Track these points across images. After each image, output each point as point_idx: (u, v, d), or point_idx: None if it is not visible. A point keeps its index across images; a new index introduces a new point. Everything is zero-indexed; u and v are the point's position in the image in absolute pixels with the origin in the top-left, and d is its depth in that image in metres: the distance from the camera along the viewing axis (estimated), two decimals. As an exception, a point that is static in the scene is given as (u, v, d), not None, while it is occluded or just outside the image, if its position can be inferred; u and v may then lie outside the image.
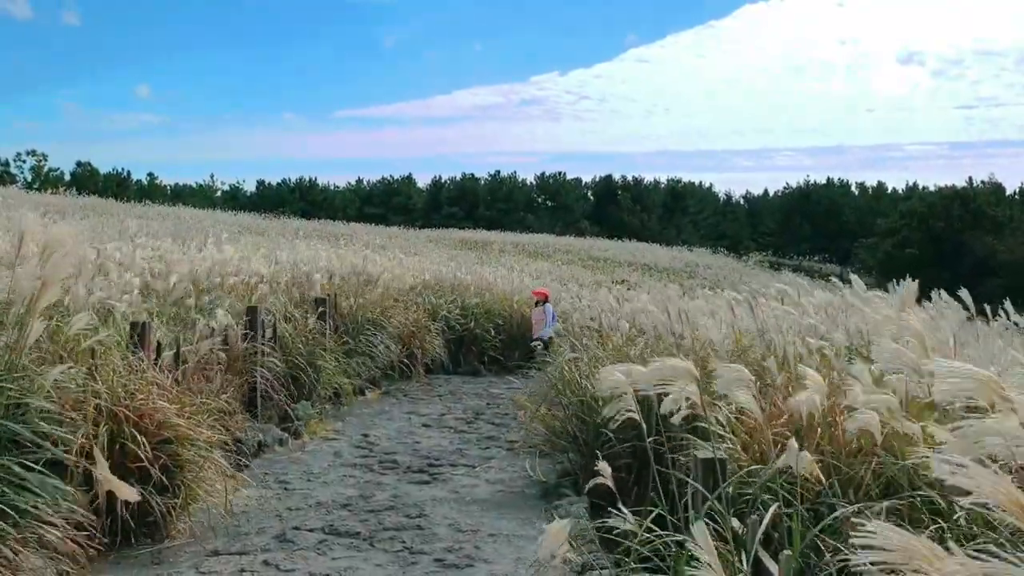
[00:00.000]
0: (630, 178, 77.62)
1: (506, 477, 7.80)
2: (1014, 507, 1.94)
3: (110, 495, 4.54)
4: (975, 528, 3.19)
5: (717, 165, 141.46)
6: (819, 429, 4.44)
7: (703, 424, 5.11)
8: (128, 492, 4.29)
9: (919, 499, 3.70)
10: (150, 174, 71.42)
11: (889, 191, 79.56)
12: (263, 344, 8.87)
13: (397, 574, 5.19)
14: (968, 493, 1.92)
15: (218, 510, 5.96)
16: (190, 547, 5.49)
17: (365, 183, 78.12)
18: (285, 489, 7.02)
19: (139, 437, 5.23)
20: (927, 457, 3.32)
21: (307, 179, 75.59)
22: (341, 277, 13.44)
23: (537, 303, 15.35)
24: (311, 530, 5.96)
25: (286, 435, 8.64)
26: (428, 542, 5.80)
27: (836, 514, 3.71)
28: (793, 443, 3.61)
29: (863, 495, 4.03)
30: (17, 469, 4.31)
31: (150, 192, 61.93)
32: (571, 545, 5.37)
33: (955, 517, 3.30)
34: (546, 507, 6.59)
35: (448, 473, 7.83)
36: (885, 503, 3.67)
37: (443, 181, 76.83)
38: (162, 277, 8.89)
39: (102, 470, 4.32)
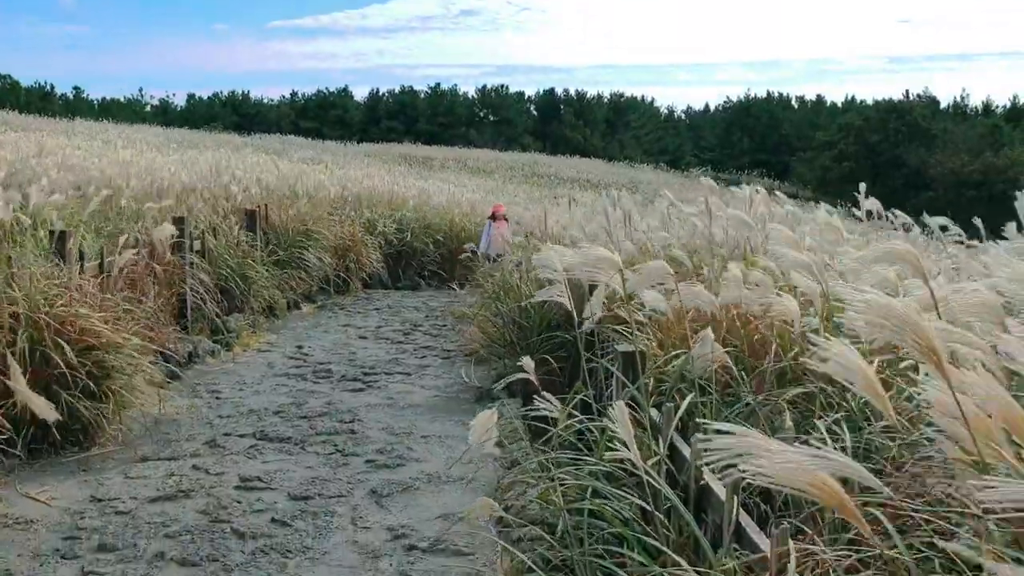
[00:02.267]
0: (573, 92, 76.93)
1: (441, 384, 7.87)
2: (865, 384, 2.01)
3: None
4: (868, 413, 3.30)
5: (658, 79, 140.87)
6: (725, 324, 4.55)
7: (617, 326, 5.23)
8: (45, 410, 4.20)
9: (817, 389, 3.82)
10: (76, 88, 68.64)
11: (828, 105, 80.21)
12: (191, 255, 8.70)
13: (329, 475, 5.23)
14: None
15: (148, 418, 5.92)
16: (119, 454, 5.46)
17: (300, 96, 76.03)
18: (216, 398, 6.99)
19: (61, 344, 5.12)
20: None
21: (239, 92, 73.34)
22: (270, 189, 13.18)
23: (494, 216, 14.14)
24: (242, 436, 5.96)
25: (218, 347, 8.57)
26: (360, 444, 5.85)
27: (745, 401, 3.85)
28: (708, 332, 3.70)
29: (770, 385, 4.17)
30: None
31: (76, 107, 59.48)
32: (502, 443, 5.49)
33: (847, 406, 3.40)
34: (479, 410, 6.67)
35: (383, 381, 7.86)
36: (789, 392, 3.78)
37: (381, 94, 75.19)
38: (81, 186, 8.61)
39: (17, 382, 4.23)
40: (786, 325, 3.98)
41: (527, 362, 4.11)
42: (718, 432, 1.74)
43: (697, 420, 3.78)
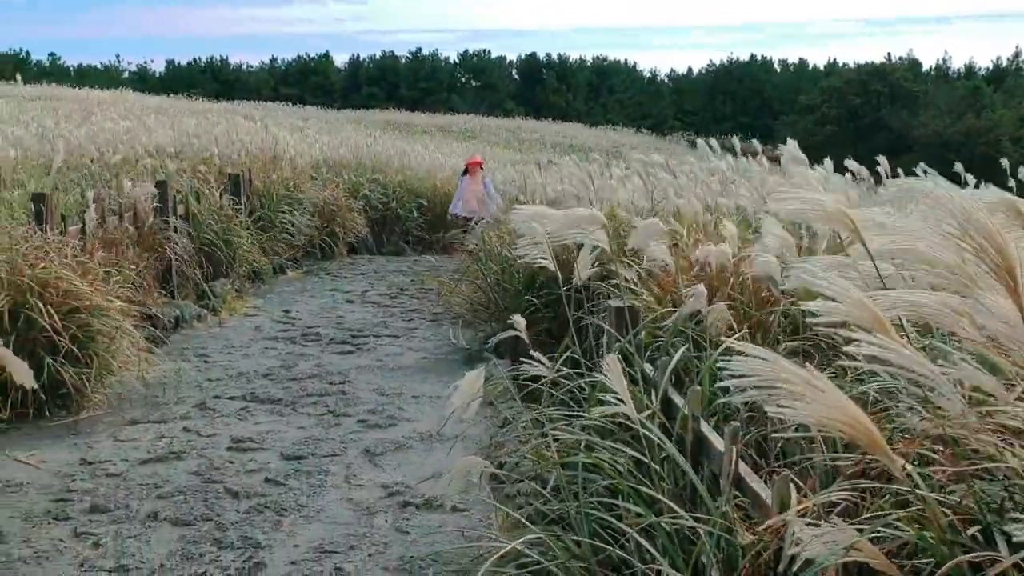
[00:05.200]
0: (555, 56, 76.36)
1: (430, 346, 7.85)
2: (874, 322, 1.98)
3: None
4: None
5: (632, 42, 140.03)
6: (729, 279, 4.54)
7: (617, 282, 5.21)
8: (24, 376, 4.13)
9: (820, 341, 3.83)
10: (51, 54, 67.44)
11: (811, 68, 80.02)
12: (174, 219, 8.60)
13: (321, 435, 5.22)
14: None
15: (135, 382, 5.88)
16: (107, 417, 5.42)
17: (280, 62, 75.08)
18: (205, 362, 6.94)
19: (44, 307, 5.06)
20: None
21: (218, 58, 72.37)
22: (253, 155, 13.02)
23: (466, 172, 13.06)
24: (232, 398, 5.94)
25: (204, 312, 8.50)
26: (351, 405, 5.84)
27: (738, 346, 3.84)
28: (701, 287, 3.69)
29: (771, 340, 4.17)
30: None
31: (52, 74, 58.47)
32: (493, 403, 5.49)
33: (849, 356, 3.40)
34: (469, 370, 6.66)
35: (372, 344, 7.84)
36: (789, 344, 3.79)
37: (361, 60, 74.35)
38: (55, 149, 8.47)
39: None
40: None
41: (518, 320, 4.10)
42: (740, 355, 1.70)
43: (689, 378, 3.79)
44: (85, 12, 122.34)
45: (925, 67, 64.87)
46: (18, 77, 20.94)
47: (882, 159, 7.02)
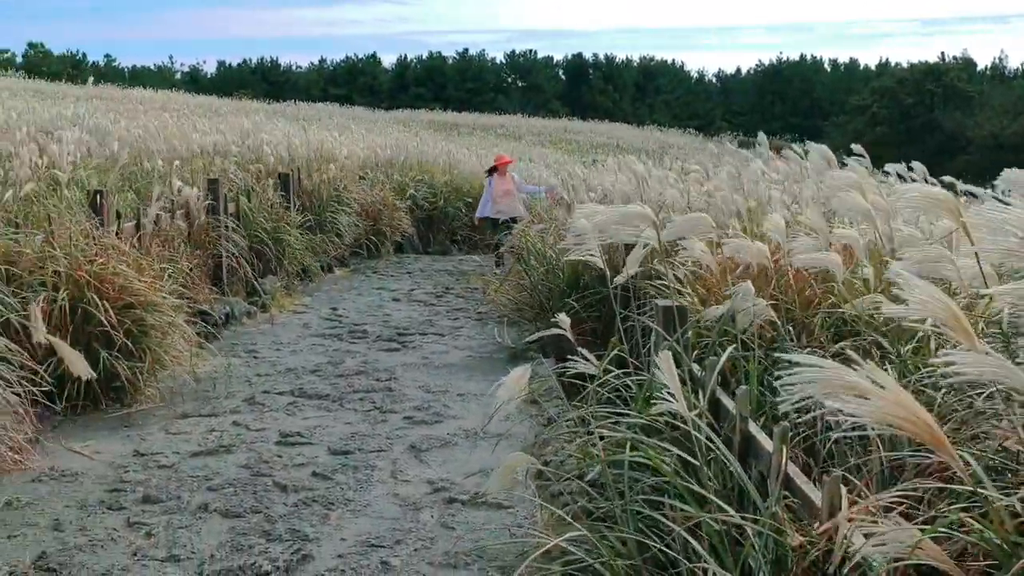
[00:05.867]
0: (602, 56, 76.13)
1: (475, 344, 7.88)
2: (951, 319, 1.96)
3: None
4: (919, 366, 3.25)
5: (684, 43, 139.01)
6: (772, 278, 4.49)
7: (664, 281, 5.18)
8: (80, 366, 4.24)
9: (868, 343, 3.77)
10: (107, 55, 69.03)
11: (862, 68, 78.73)
12: (226, 217, 8.74)
13: (368, 431, 5.27)
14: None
15: (186, 376, 5.98)
16: (159, 411, 5.53)
17: (329, 63, 75.96)
18: (254, 357, 7.05)
19: (100, 302, 5.17)
20: (879, 303, 3.38)
21: (268, 59, 73.48)
22: (303, 154, 13.19)
23: (492, 171, 12.40)
24: (280, 393, 6.01)
25: (254, 308, 8.63)
26: (398, 402, 5.88)
27: (790, 356, 3.78)
28: (748, 285, 3.65)
29: (815, 341, 4.11)
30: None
31: (107, 75, 59.82)
32: (537, 401, 5.48)
33: (902, 356, 3.35)
34: (513, 368, 6.67)
35: (418, 341, 7.89)
36: (836, 346, 3.73)
37: (409, 60, 74.91)
38: (109, 146, 8.66)
39: (56, 338, 4.28)
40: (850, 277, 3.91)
41: (563, 318, 4.10)
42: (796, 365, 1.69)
43: (736, 379, 3.75)
44: (140, 13, 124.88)
45: (980, 67, 63.48)
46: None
47: (917, 165, 6.78)
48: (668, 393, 2.94)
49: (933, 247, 2.20)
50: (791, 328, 4.00)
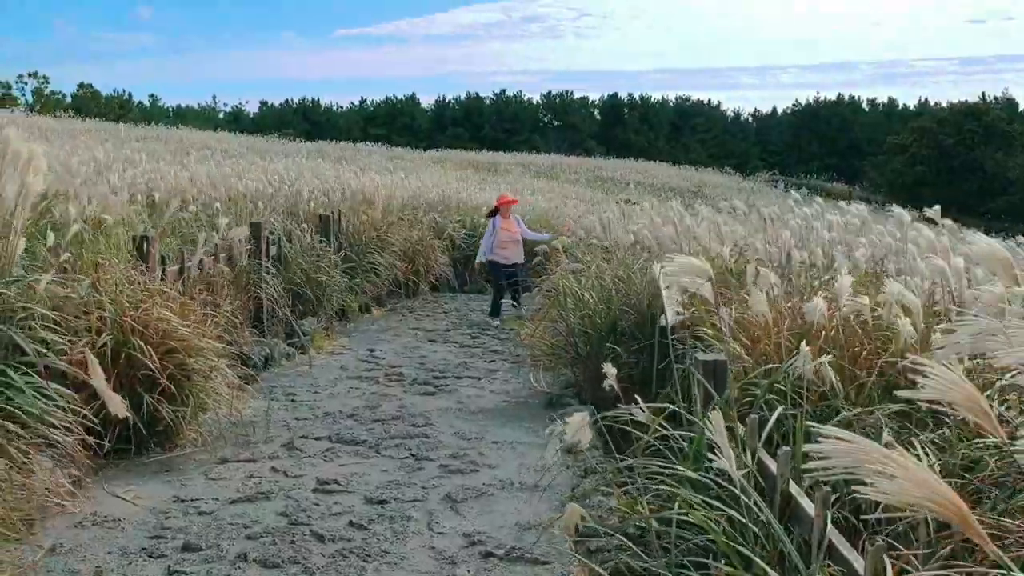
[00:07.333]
0: (637, 96, 76.54)
1: (511, 388, 7.86)
2: (967, 402, 1.96)
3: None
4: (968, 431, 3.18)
5: (722, 83, 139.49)
6: (823, 333, 4.44)
7: (706, 329, 5.14)
8: (117, 406, 4.27)
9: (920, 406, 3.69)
10: (152, 96, 70.84)
11: (900, 108, 78.27)
12: (267, 260, 8.85)
13: (404, 479, 5.26)
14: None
15: (226, 420, 6.02)
16: (199, 455, 5.56)
17: (368, 103, 77.20)
18: (292, 401, 7.09)
19: (145, 347, 5.24)
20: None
21: (310, 100, 74.84)
22: (343, 196, 13.36)
23: (493, 213, 12.20)
24: (318, 439, 6.03)
25: (293, 350, 8.70)
26: (434, 449, 5.87)
27: (840, 417, 3.72)
28: (805, 347, 3.61)
29: (866, 399, 4.04)
30: (14, 375, 4.32)
31: (152, 114, 61.28)
32: (572, 451, 5.43)
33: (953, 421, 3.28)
34: (550, 415, 6.64)
35: (453, 385, 7.89)
36: (890, 408, 3.66)
37: (447, 101, 75.90)
38: (157, 190, 8.84)
39: (97, 379, 4.32)
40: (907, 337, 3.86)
41: (609, 369, 4.08)
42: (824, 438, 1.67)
43: (785, 432, 3.70)
44: (182, 55, 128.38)
45: (1022, 107, 62.74)
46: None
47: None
48: (718, 450, 2.91)
49: (986, 321, 2.16)
50: (841, 384, 3.93)
